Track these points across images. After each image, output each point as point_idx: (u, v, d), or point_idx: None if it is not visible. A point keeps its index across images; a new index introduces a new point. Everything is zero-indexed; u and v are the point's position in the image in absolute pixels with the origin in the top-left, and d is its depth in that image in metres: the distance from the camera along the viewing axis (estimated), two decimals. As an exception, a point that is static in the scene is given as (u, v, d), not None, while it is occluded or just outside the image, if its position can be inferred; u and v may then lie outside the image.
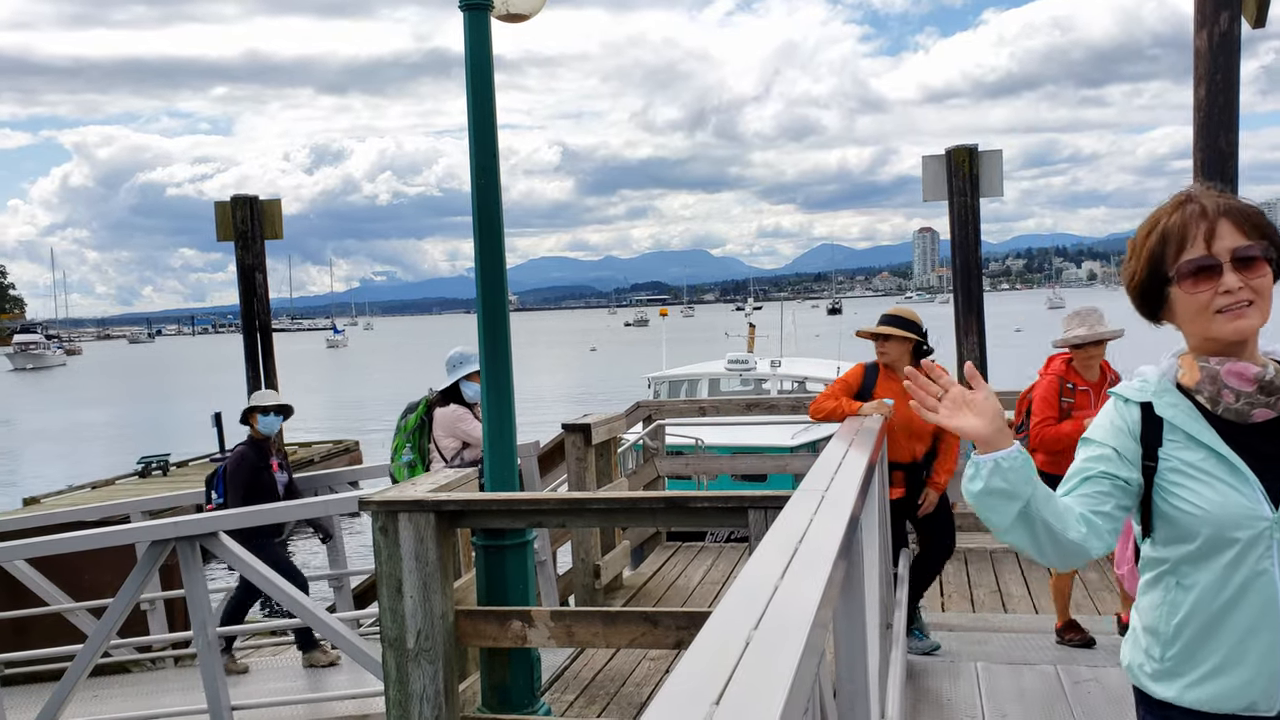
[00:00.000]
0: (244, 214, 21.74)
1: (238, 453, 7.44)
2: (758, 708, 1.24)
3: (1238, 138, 8.99)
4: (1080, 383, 5.90)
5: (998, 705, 4.93)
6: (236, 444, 7.53)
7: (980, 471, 2.07)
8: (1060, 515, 2.08)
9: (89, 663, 5.78)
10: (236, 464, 7.34)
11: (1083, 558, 2.14)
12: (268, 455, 7.47)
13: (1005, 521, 2.08)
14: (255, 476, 7.28)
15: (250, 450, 7.43)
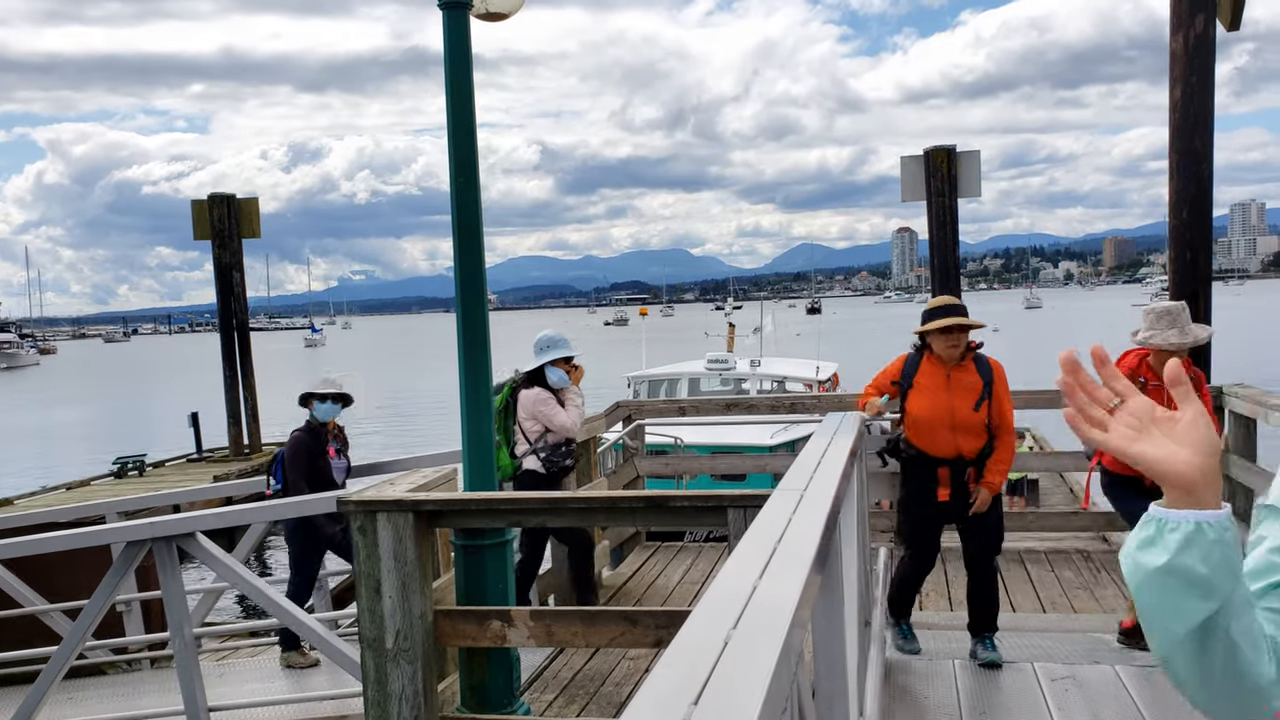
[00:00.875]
0: (221, 212, 21.63)
1: (295, 439, 7.28)
2: (736, 708, 1.25)
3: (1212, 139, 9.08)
4: (1153, 379, 5.50)
5: (975, 704, 4.96)
6: (294, 430, 7.37)
7: (1167, 536, 1.27)
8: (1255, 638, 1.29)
9: (64, 665, 5.73)
10: (294, 450, 7.21)
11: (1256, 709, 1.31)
12: (325, 441, 7.33)
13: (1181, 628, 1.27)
14: (313, 462, 7.17)
15: (307, 436, 7.27)
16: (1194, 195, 8.99)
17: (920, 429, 5.51)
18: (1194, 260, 9.10)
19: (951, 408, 5.39)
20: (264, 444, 22.96)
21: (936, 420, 5.41)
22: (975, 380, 5.47)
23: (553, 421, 6.89)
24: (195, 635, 5.79)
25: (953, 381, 5.44)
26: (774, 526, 2.23)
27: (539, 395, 6.96)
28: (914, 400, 5.54)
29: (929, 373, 5.49)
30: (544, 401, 6.93)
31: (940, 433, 5.43)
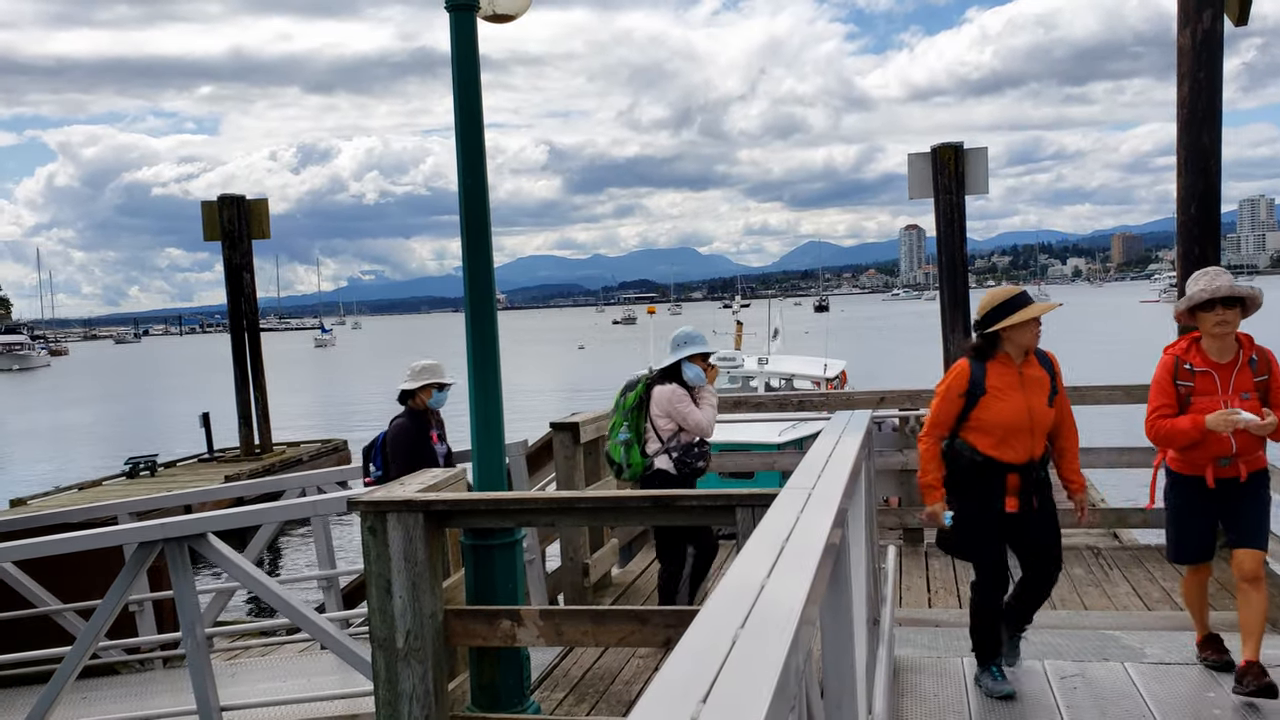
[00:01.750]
0: (231, 214, 21.69)
1: (398, 424, 7.04)
2: (744, 706, 1.26)
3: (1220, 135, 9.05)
4: (1201, 363, 4.99)
5: (984, 702, 4.96)
6: (395, 417, 7.12)
7: None
8: None
9: (77, 664, 5.76)
10: (397, 435, 6.98)
11: None
12: (428, 427, 7.11)
13: None
14: (417, 447, 6.95)
15: (410, 421, 7.03)
16: (1202, 191, 8.97)
17: (997, 436, 4.99)
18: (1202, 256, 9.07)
19: (1029, 408, 4.97)
20: (275, 444, 23.04)
21: (1017, 424, 4.96)
22: (1042, 374, 5.08)
23: (687, 420, 6.64)
24: (207, 635, 5.81)
25: (1026, 379, 5.03)
26: (782, 525, 2.25)
27: (675, 392, 6.69)
28: (990, 407, 4.97)
29: (1000, 374, 5.01)
30: (680, 399, 6.67)
31: (1020, 437, 4.98)
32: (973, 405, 5.00)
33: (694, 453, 6.75)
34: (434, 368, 7.10)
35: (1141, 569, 7.86)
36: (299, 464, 21.38)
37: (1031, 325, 4.97)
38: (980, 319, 5.06)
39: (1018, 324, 4.94)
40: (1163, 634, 5.89)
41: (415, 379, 7.02)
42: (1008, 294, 5.04)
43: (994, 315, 4.99)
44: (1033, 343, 5.03)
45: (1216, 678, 5.08)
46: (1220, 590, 7.03)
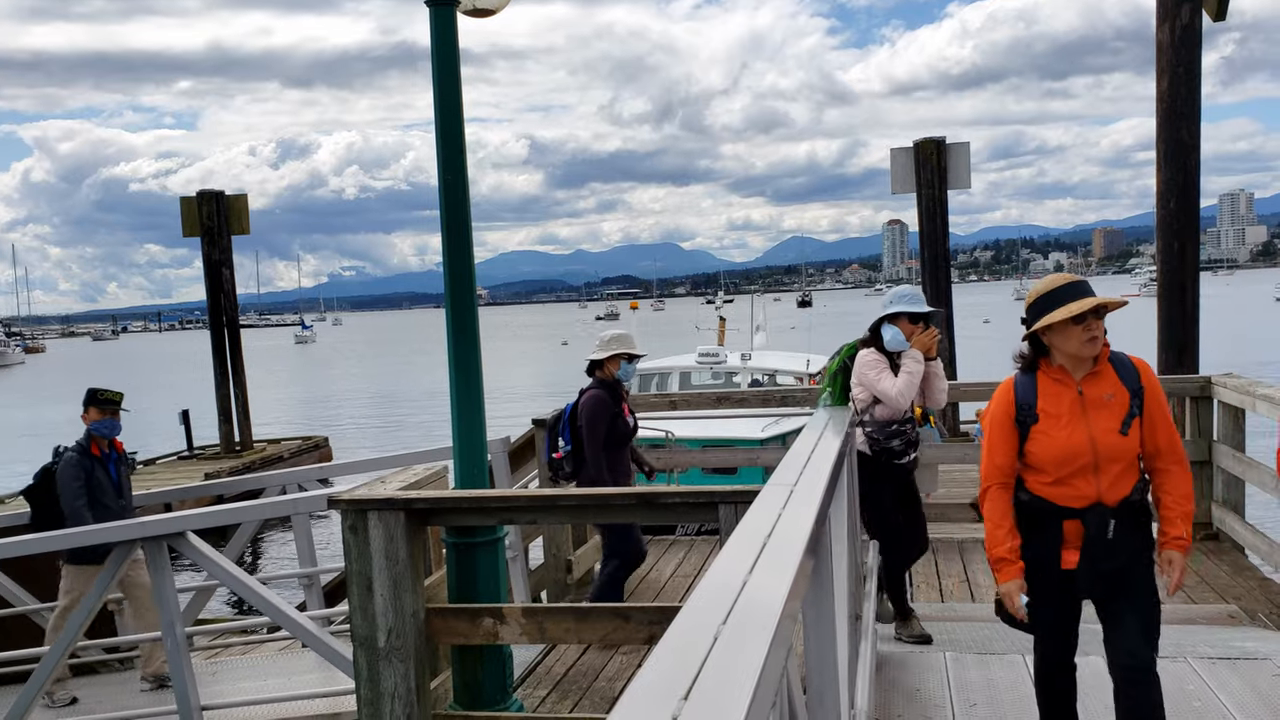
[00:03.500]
0: (210, 209, 21.56)
1: (592, 395, 6.61)
2: (725, 702, 1.25)
3: (1199, 129, 9.11)
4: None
5: (966, 695, 4.98)
6: (587, 389, 6.71)
7: None
8: None
9: (56, 664, 5.72)
10: (593, 406, 6.55)
11: None
12: (621, 399, 6.75)
13: None
14: (612, 420, 6.58)
15: (605, 393, 6.64)
16: (1182, 185, 9.03)
17: (1049, 473, 3.80)
18: (1182, 250, 9.14)
19: (1091, 438, 3.74)
20: (255, 441, 22.93)
21: (1075, 457, 3.74)
22: (1117, 390, 3.81)
23: (879, 389, 5.76)
24: (187, 634, 5.78)
25: (1088, 398, 3.79)
26: (764, 522, 2.24)
27: (868, 358, 5.87)
28: (1041, 437, 3.80)
29: (1054, 393, 3.83)
30: (870, 365, 5.84)
31: (1082, 476, 3.76)
32: (1025, 434, 3.86)
33: (890, 430, 5.84)
34: (624, 338, 6.82)
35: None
36: (279, 461, 21.29)
37: (1077, 330, 3.72)
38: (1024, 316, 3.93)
39: (1058, 326, 3.75)
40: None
41: (604, 349, 6.70)
42: (1053, 283, 3.85)
43: (1033, 312, 3.86)
44: (1087, 351, 3.75)
45: (1200, 672, 5.09)
46: (1200, 583, 7.08)
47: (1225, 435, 7.83)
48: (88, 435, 7.07)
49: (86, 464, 6.95)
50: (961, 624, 6.29)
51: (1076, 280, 3.85)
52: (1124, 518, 3.77)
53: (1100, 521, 3.75)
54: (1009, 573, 3.87)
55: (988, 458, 3.94)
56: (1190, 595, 6.81)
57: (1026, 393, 3.88)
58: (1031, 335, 3.86)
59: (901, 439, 5.84)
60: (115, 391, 7.22)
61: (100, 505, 6.90)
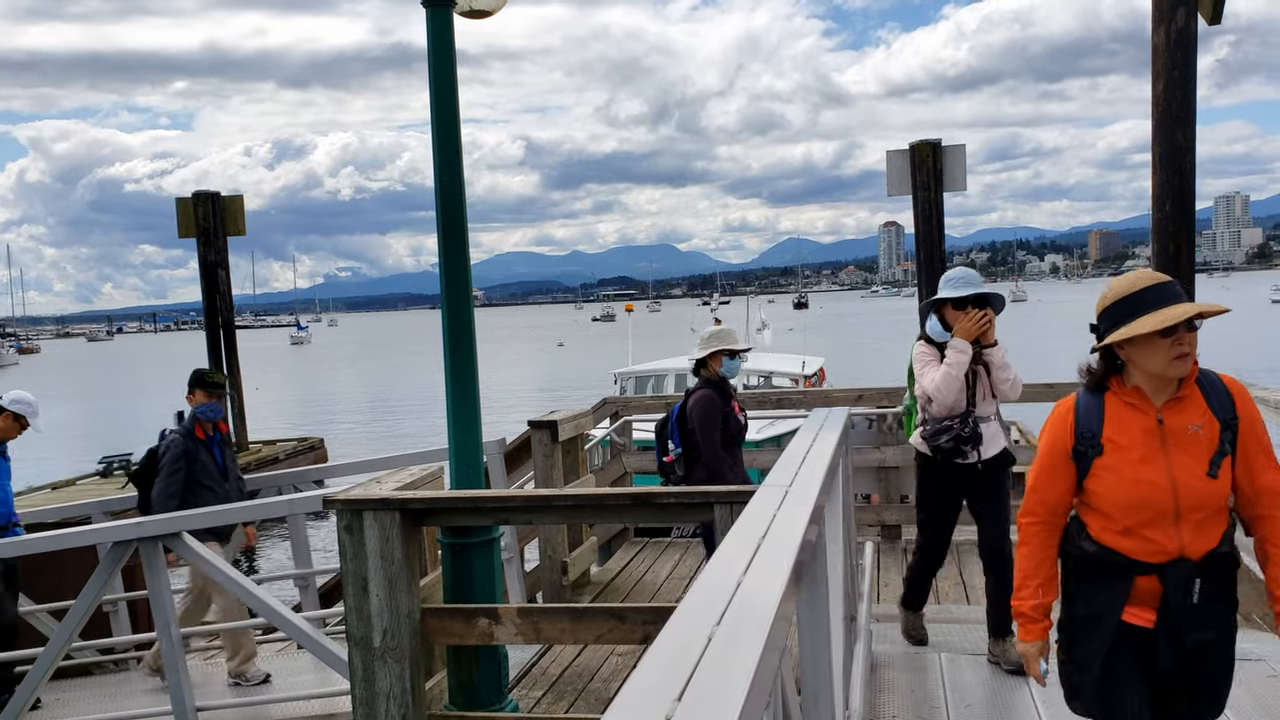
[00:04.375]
0: (206, 210, 21.53)
1: (702, 395, 6.34)
2: (719, 703, 1.26)
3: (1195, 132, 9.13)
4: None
5: (961, 696, 4.98)
6: (696, 389, 6.46)
7: None
8: None
9: (51, 665, 5.72)
10: (704, 405, 6.27)
11: None
12: (729, 396, 6.50)
13: None
14: (725, 419, 6.31)
15: (715, 392, 6.37)
16: (1177, 188, 9.04)
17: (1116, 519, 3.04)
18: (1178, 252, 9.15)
19: (1172, 480, 2.98)
20: (250, 442, 22.90)
21: (1150, 503, 2.98)
22: (1206, 420, 3.04)
23: (929, 385, 5.33)
24: (182, 635, 5.77)
25: (1169, 430, 3.03)
26: (758, 523, 2.25)
27: (918, 350, 5.54)
28: (1106, 474, 3.04)
29: (1126, 420, 3.05)
30: (918, 357, 5.49)
31: (1160, 525, 2.99)
32: (1085, 469, 3.08)
33: (945, 426, 5.31)
34: (723, 334, 6.59)
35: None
36: (275, 462, 21.26)
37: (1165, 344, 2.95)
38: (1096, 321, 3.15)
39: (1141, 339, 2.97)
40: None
41: (705, 346, 6.49)
42: (1136, 284, 3.06)
43: (1109, 318, 3.06)
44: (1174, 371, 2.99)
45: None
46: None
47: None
48: (192, 418, 6.96)
49: (191, 447, 6.84)
50: (956, 625, 6.30)
51: (1164, 281, 3.06)
52: (1212, 575, 3.02)
53: (1184, 582, 2.99)
54: (1032, 632, 3.23)
55: (1033, 491, 3.16)
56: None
57: (1091, 417, 3.09)
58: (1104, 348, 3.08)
59: (950, 436, 5.31)
60: (220, 374, 7.20)
61: (204, 488, 6.79)
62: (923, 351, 5.46)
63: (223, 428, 7.21)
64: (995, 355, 5.36)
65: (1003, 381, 5.41)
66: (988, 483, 5.44)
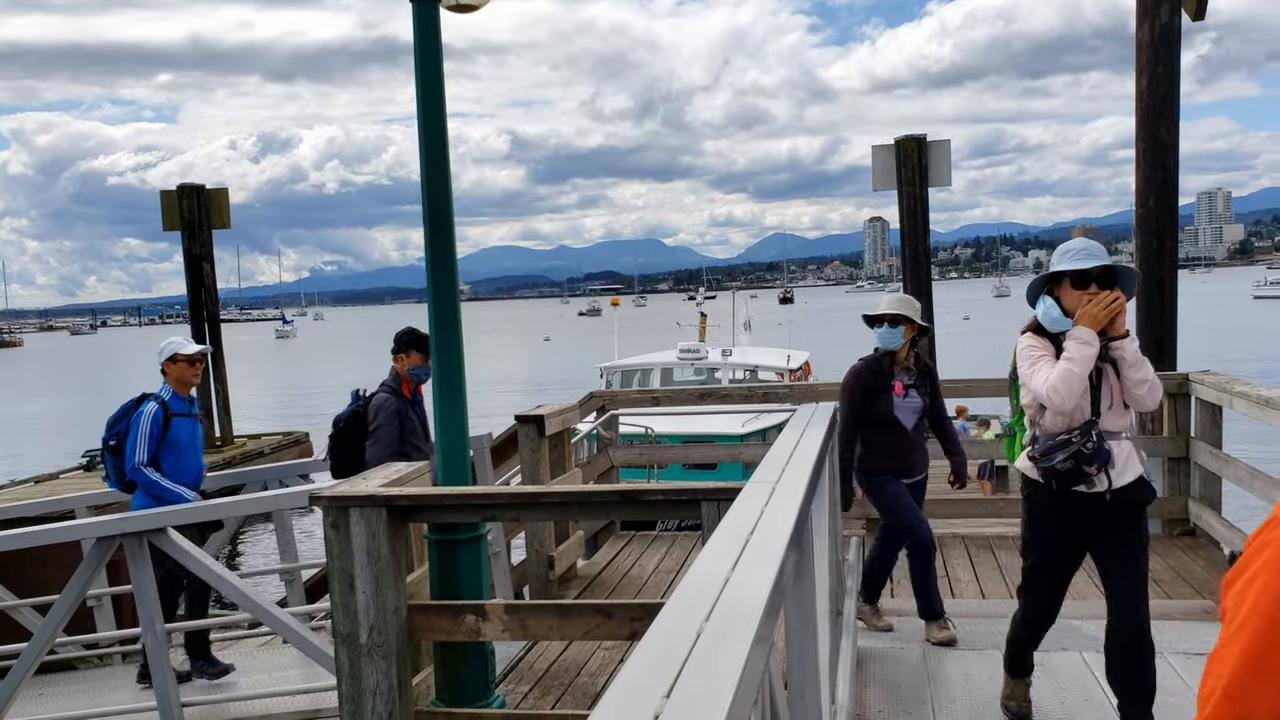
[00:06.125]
0: (190, 203, 21.42)
1: (851, 371, 5.82)
2: (707, 700, 1.26)
3: (1178, 128, 9.18)
4: None
5: (945, 690, 5.01)
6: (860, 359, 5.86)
7: None
8: None
9: (34, 660, 5.69)
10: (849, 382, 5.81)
11: None
12: (889, 374, 5.77)
13: None
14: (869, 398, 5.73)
15: (865, 367, 5.76)
16: (1160, 184, 9.09)
17: None
18: (1160, 248, 9.20)
19: None
20: (235, 436, 22.80)
21: None
22: None
23: (1028, 384, 4.21)
24: (167, 630, 5.75)
25: None
26: (746, 519, 2.25)
27: (1023, 344, 4.29)
28: None
29: None
30: (1024, 353, 4.26)
31: None
32: None
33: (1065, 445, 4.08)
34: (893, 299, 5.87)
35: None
36: (260, 456, 21.18)
37: None
38: None
39: None
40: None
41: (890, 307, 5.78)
42: None
43: None
44: None
45: (1176, 668, 5.15)
46: (1176, 578, 7.14)
47: (1202, 432, 7.89)
48: (395, 377, 6.74)
49: (401, 405, 6.66)
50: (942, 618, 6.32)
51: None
52: None
53: None
54: None
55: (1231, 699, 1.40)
56: (1166, 590, 6.87)
57: None
58: None
59: (1068, 453, 4.07)
60: None
61: (413, 447, 6.63)
62: (1030, 345, 4.24)
63: (419, 389, 7.00)
64: (1127, 350, 4.12)
65: (1137, 385, 4.13)
66: (1119, 524, 4.19)
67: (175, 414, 6.62)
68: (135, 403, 6.65)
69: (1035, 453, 4.18)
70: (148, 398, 6.64)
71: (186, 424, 6.71)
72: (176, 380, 6.72)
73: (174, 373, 6.73)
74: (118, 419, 6.68)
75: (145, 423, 6.48)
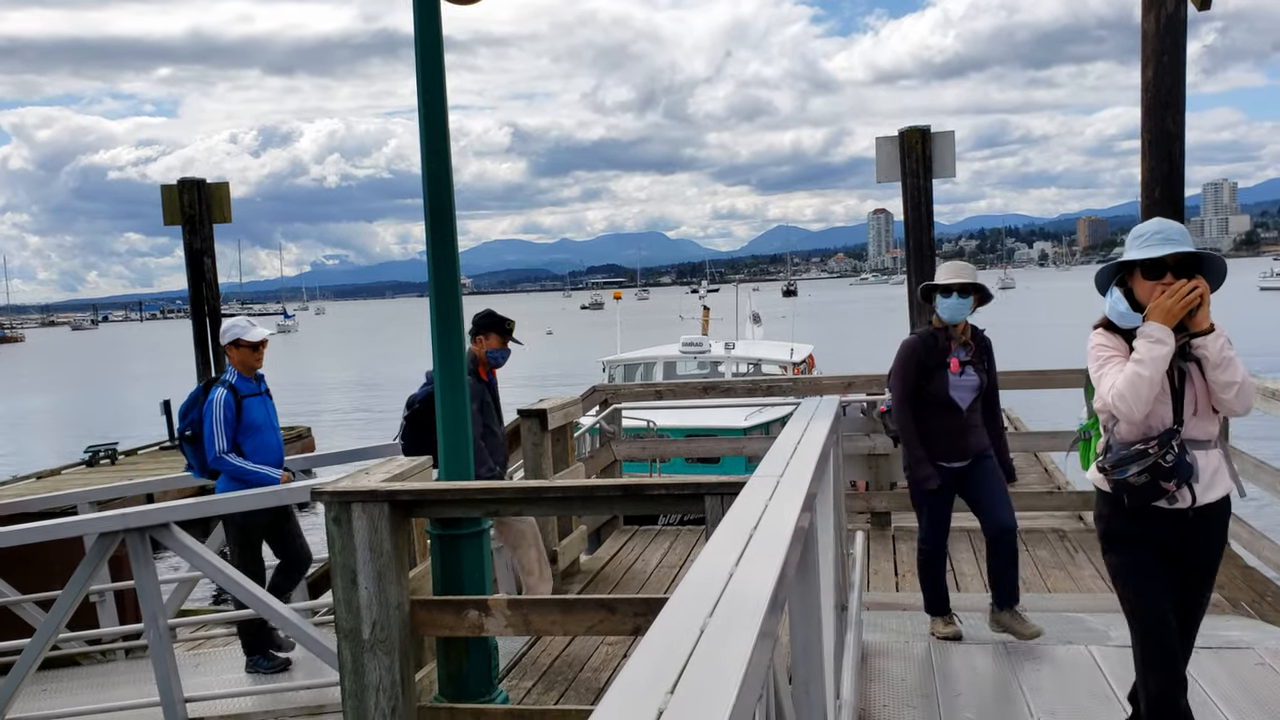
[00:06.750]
0: (191, 197, 21.42)
1: (904, 344, 5.56)
2: (712, 695, 1.24)
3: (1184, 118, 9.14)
4: None
5: (950, 684, 4.99)
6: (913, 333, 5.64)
7: None
8: None
9: (37, 656, 5.68)
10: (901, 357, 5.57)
11: None
12: (945, 349, 5.46)
13: None
14: (922, 374, 5.46)
15: (919, 341, 5.52)
16: (1166, 175, 9.05)
17: None
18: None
19: None
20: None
21: None
22: None
23: (1104, 393, 3.69)
24: (170, 625, 5.74)
25: None
26: (750, 513, 2.23)
27: (1093, 341, 3.83)
28: None
29: None
30: (1093, 351, 3.79)
31: None
32: None
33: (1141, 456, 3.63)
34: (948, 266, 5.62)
35: (1105, 551, 7.92)
36: (264, 451, 21.21)
37: None
38: None
39: None
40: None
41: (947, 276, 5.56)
42: None
43: None
44: None
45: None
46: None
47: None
48: (472, 358, 6.72)
49: (479, 388, 6.66)
50: (946, 613, 6.31)
51: None
52: None
53: None
54: None
55: None
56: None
57: None
58: None
59: (1144, 466, 3.61)
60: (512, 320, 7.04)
61: (486, 429, 6.66)
62: (1100, 344, 3.77)
63: (494, 372, 7.06)
64: (1211, 348, 3.64)
65: (1224, 387, 3.65)
66: (1204, 546, 3.77)
67: (245, 395, 6.60)
68: (203, 390, 6.62)
69: (1106, 463, 3.71)
70: (215, 384, 6.60)
71: (259, 402, 6.70)
72: (240, 363, 6.71)
73: (237, 356, 6.72)
74: (189, 408, 6.65)
75: (218, 409, 6.44)
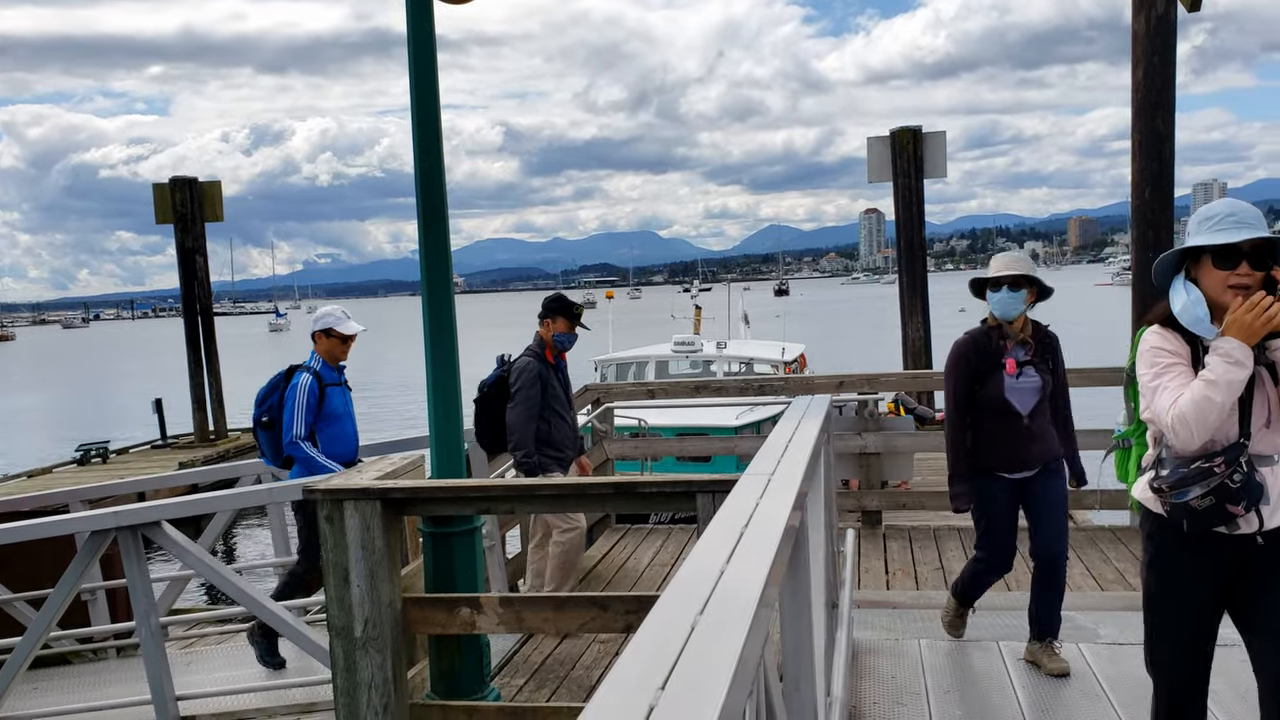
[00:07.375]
0: (183, 196, 21.39)
1: (956, 345, 5.20)
2: (703, 692, 1.25)
3: (1174, 119, 9.17)
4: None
5: (941, 682, 5.01)
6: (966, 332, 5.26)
7: None
8: None
9: (29, 654, 5.67)
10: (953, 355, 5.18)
11: None
12: (1000, 348, 5.10)
13: None
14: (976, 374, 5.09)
15: (970, 344, 5.14)
16: (1156, 175, 9.09)
17: None
18: (1157, 239, 9.20)
19: None
20: (229, 429, 22.77)
21: None
22: None
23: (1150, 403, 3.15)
24: (162, 624, 5.74)
25: None
26: (741, 511, 2.24)
27: (1147, 342, 3.21)
28: None
29: None
30: (1146, 355, 3.19)
31: None
32: None
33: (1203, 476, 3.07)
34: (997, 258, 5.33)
35: (1095, 550, 7.97)
36: (254, 450, 21.18)
37: None
38: None
39: None
40: (1116, 614, 5.97)
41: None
42: None
43: None
44: None
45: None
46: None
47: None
48: (540, 342, 6.82)
49: (543, 370, 6.69)
50: (937, 611, 6.33)
51: None
52: None
53: None
54: None
55: None
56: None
57: None
58: None
59: (1208, 487, 3.05)
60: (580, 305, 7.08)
61: (554, 413, 6.68)
62: (1156, 346, 3.15)
63: (563, 356, 7.08)
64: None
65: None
66: (1272, 577, 3.15)
67: (329, 384, 6.59)
68: (285, 376, 6.60)
69: (1163, 484, 3.14)
70: (298, 370, 6.57)
71: (339, 392, 6.69)
72: (327, 352, 6.70)
73: (325, 345, 6.70)
74: (267, 393, 6.64)
75: (302, 395, 6.42)
